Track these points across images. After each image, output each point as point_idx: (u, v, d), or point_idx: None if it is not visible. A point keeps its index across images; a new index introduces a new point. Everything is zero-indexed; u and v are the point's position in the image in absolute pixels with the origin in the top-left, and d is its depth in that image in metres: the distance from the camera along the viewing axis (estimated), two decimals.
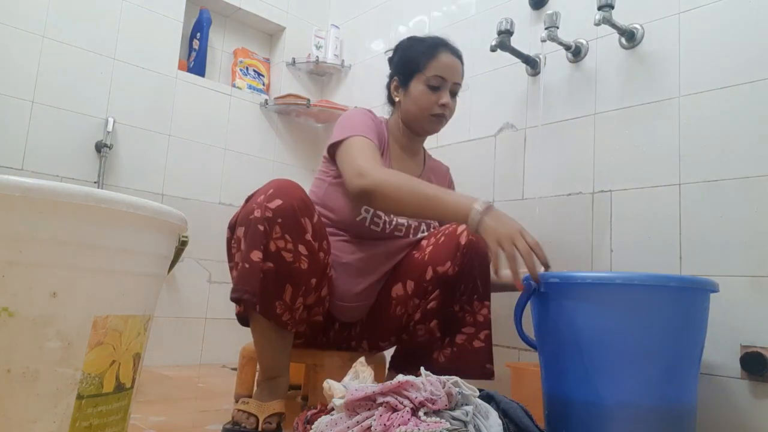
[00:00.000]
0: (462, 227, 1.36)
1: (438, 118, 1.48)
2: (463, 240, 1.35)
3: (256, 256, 1.17)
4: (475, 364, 1.33)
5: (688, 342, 1.13)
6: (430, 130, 1.52)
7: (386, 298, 1.43)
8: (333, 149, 1.40)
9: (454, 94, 1.49)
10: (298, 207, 1.21)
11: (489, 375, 1.33)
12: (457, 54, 1.49)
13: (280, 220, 1.18)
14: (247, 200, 1.27)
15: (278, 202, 1.19)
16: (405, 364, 1.40)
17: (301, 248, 1.21)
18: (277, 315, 1.20)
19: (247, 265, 1.17)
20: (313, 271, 1.24)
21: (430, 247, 1.41)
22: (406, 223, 1.47)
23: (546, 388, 1.21)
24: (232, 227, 1.28)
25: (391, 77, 1.54)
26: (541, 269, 1.18)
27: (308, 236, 1.22)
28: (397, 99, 1.51)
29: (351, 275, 1.42)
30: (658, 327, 1.08)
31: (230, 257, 1.29)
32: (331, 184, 1.44)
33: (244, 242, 1.19)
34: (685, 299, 1.12)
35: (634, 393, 1.07)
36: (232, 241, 1.27)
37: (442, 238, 1.39)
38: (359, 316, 1.47)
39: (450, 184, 1.68)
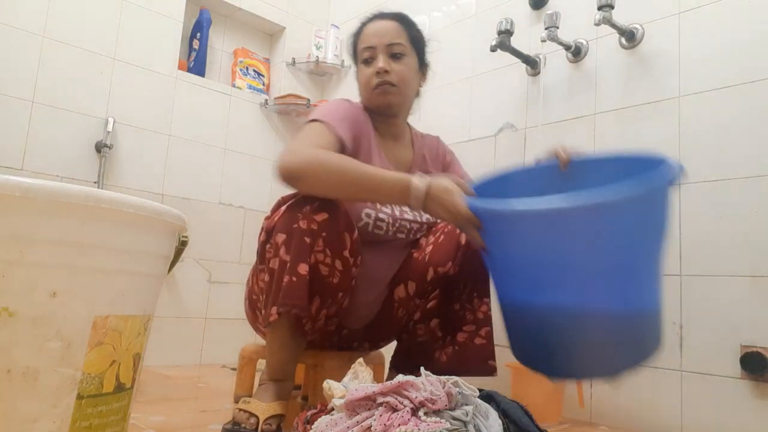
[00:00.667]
0: None
1: (381, 88, 1.36)
2: (464, 239, 1.33)
3: (303, 269, 1.15)
4: (478, 361, 1.32)
5: (646, 245, 0.99)
6: (380, 102, 1.38)
7: (389, 301, 1.43)
8: None
9: (396, 55, 1.37)
10: (342, 222, 1.20)
11: (491, 371, 1.32)
12: (388, 17, 1.40)
13: (324, 234, 1.17)
14: (289, 205, 1.21)
15: (324, 215, 1.17)
16: (405, 363, 1.40)
17: (338, 263, 1.20)
18: (301, 325, 1.21)
19: (294, 279, 1.15)
20: (341, 286, 1.24)
21: (430, 247, 1.39)
22: (408, 225, 1.41)
23: (499, 292, 1.13)
24: (269, 231, 1.23)
25: None
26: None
27: (346, 252, 1.22)
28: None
29: (362, 284, 1.39)
30: (611, 238, 0.95)
31: (262, 260, 1.25)
32: None
33: (286, 251, 1.17)
34: (643, 205, 0.96)
35: (590, 297, 0.97)
36: (268, 245, 1.23)
37: (442, 237, 1.37)
38: (367, 321, 1.47)
39: (445, 153, 1.59)
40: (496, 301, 1.36)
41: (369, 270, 1.39)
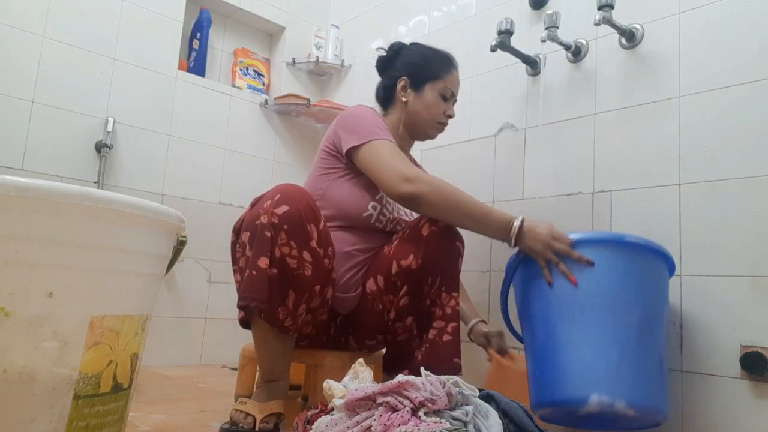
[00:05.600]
0: (424, 219, 1.38)
1: (441, 126, 1.57)
2: (425, 232, 1.35)
3: (264, 262, 1.17)
4: (445, 359, 1.31)
5: (659, 295, 1.26)
6: (432, 135, 1.59)
7: (364, 294, 1.44)
8: (353, 151, 1.38)
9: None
10: (304, 213, 1.21)
11: (457, 369, 1.31)
12: (458, 72, 1.60)
13: (286, 227, 1.18)
14: (253, 204, 1.26)
15: (285, 208, 1.19)
16: (392, 365, 1.40)
17: (306, 255, 1.21)
18: (279, 320, 1.20)
19: (254, 272, 1.17)
20: (317, 278, 1.24)
21: (396, 241, 1.42)
22: (407, 221, 1.49)
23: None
24: (237, 231, 1.28)
25: (396, 77, 1.55)
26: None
27: (313, 243, 1.22)
28: (404, 99, 1.53)
29: (351, 264, 1.42)
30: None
31: (234, 260, 1.28)
32: (341, 179, 1.44)
33: (250, 248, 1.19)
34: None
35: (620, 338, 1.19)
36: (237, 245, 1.27)
37: (407, 231, 1.40)
38: (352, 307, 1.47)
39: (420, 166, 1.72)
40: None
41: (357, 252, 1.45)
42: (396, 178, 1.30)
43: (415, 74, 1.53)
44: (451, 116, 1.56)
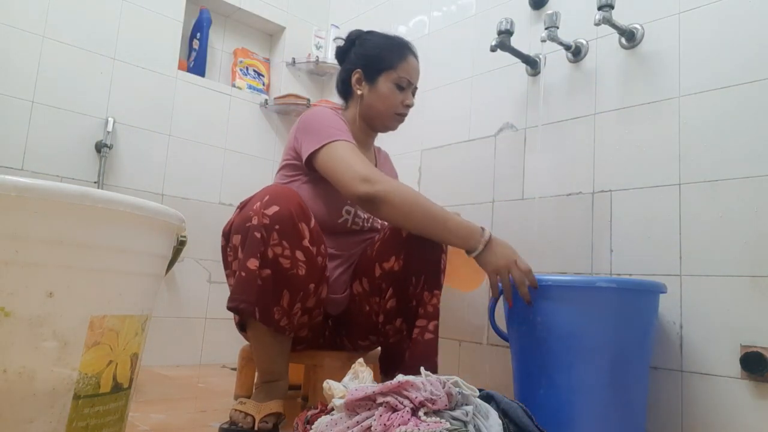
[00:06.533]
0: None
1: (401, 117, 1.50)
2: (405, 233, 1.34)
3: (253, 264, 1.16)
4: (426, 358, 1.29)
5: (636, 336, 1.27)
6: (392, 127, 1.52)
7: (352, 295, 1.45)
8: (312, 156, 1.34)
9: (413, 95, 1.52)
10: (295, 213, 1.20)
11: (434, 369, 1.28)
12: (418, 58, 1.52)
13: (277, 227, 1.17)
14: (241, 207, 1.26)
15: (275, 208, 1.18)
16: (386, 366, 1.40)
17: (299, 254, 1.20)
18: (275, 321, 1.20)
19: (243, 274, 1.16)
20: (310, 277, 1.24)
21: (378, 244, 1.41)
22: (381, 223, 1.50)
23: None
24: (227, 235, 1.27)
25: (351, 69, 1.50)
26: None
27: (306, 242, 1.22)
28: (359, 92, 1.48)
29: (335, 264, 1.43)
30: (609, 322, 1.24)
31: (226, 265, 1.28)
32: (307, 184, 1.41)
33: (242, 250, 1.19)
34: (633, 299, 1.27)
35: (588, 380, 1.23)
36: (228, 249, 1.26)
37: (387, 233, 1.40)
38: (343, 307, 1.47)
39: (392, 168, 1.71)
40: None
41: (338, 252, 1.45)
42: (354, 179, 1.25)
43: (368, 66, 1.47)
44: (409, 106, 1.49)
